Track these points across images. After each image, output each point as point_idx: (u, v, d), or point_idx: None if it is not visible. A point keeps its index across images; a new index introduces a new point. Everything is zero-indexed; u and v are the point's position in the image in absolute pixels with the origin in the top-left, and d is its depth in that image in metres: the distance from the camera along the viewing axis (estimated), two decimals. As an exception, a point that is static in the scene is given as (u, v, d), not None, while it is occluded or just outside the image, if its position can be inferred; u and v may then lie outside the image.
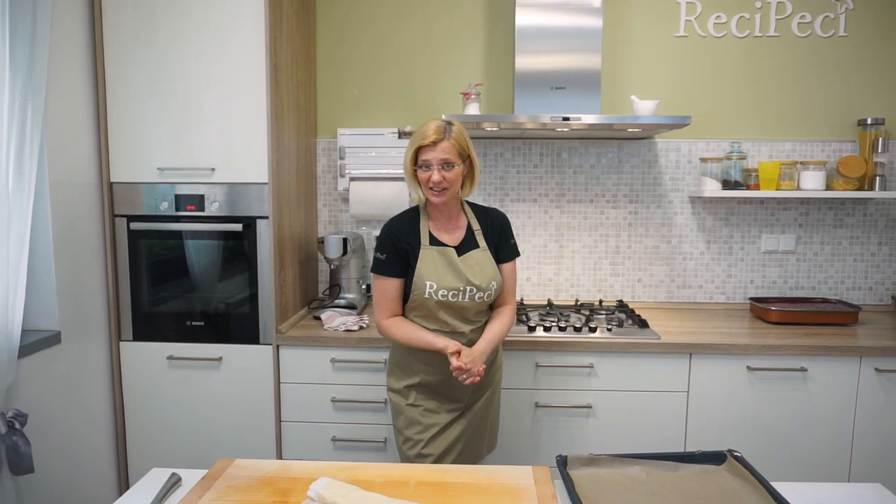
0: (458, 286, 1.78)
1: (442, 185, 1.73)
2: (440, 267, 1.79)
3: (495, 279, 1.83)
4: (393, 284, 1.82)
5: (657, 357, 2.20)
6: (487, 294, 1.82)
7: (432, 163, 1.72)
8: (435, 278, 1.78)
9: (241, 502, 1.23)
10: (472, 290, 1.79)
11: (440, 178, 1.72)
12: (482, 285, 1.80)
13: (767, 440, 2.20)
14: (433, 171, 1.72)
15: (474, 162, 1.81)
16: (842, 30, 2.64)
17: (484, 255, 1.84)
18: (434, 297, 1.78)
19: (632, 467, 1.37)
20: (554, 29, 2.41)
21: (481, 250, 1.84)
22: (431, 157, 1.72)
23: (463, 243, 1.84)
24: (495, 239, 1.88)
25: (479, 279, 1.80)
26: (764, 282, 2.78)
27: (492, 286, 1.82)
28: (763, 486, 1.26)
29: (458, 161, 1.75)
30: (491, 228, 1.87)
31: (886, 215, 2.72)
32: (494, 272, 1.84)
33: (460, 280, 1.78)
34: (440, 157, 1.72)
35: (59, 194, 2.03)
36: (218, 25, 2.18)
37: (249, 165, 2.22)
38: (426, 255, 1.80)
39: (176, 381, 2.31)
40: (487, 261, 1.84)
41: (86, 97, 2.17)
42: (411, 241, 1.81)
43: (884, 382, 2.18)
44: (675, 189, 2.76)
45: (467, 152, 1.78)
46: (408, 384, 1.87)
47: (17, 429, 1.67)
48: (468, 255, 1.82)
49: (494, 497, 1.25)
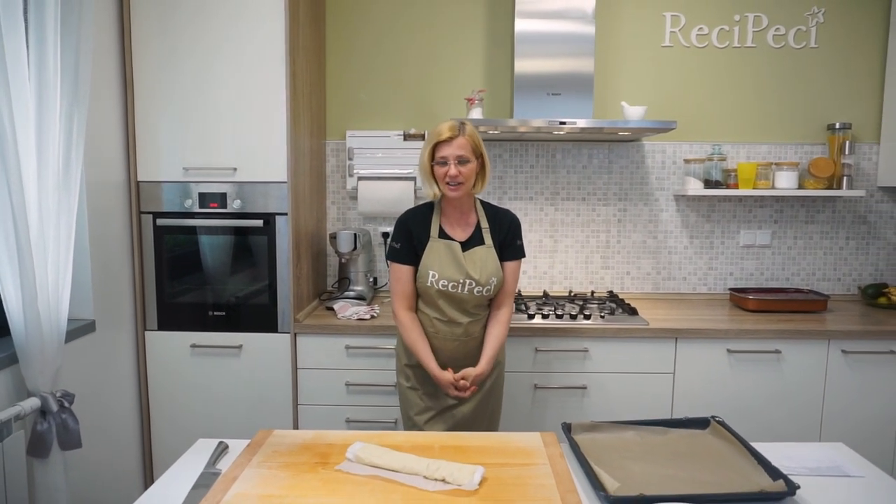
0: (458, 278, 1.89)
1: (458, 179, 1.84)
2: (444, 259, 1.90)
3: (496, 276, 1.92)
4: (406, 271, 1.94)
5: (646, 342, 2.40)
6: (486, 289, 1.91)
7: (449, 158, 1.83)
8: (438, 268, 1.89)
9: (288, 464, 1.39)
10: (472, 283, 1.89)
11: (456, 172, 1.83)
12: (481, 280, 1.90)
13: (745, 415, 2.40)
14: (450, 165, 1.83)
15: (486, 160, 1.92)
16: (813, 41, 2.87)
17: (488, 252, 1.93)
18: (435, 286, 1.90)
19: (627, 432, 1.55)
20: (550, 34, 2.60)
21: (486, 247, 1.93)
22: (448, 153, 1.83)
23: (470, 239, 1.94)
24: (501, 237, 1.96)
25: (479, 274, 1.89)
26: (742, 273, 3.00)
27: (492, 282, 1.91)
28: (743, 444, 1.45)
29: (472, 157, 1.86)
30: (499, 227, 1.97)
31: (853, 212, 2.95)
32: (496, 269, 1.93)
33: (461, 273, 1.89)
34: (456, 152, 1.83)
35: (93, 193, 2.18)
36: (240, 35, 2.33)
37: (269, 165, 2.38)
38: (433, 246, 1.91)
39: (198, 368, 2.46)
40: (491, 258, 1.93)
41: (115, 102, 2.32)
42: (422, 232, 1.93)
43: (850, 363, 2.40)
44: (661, 188, 2.97)
45: (479, 150, 1.89)
46: (408, 363, 2.01)
47: (66, 407, 1.81)
48: (473, 250, 1.92)
49: (510, 455, 1.42)
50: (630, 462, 1.40)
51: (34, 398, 1.74)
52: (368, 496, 1.24)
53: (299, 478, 1.31)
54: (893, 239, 2.96)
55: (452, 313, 1.93)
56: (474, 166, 1.88)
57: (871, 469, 1.41)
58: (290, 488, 1.27)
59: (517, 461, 1.40)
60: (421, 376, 2.00)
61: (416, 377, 2.01)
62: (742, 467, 1.37)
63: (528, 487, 1.27)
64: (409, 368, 2.02)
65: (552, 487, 1.27)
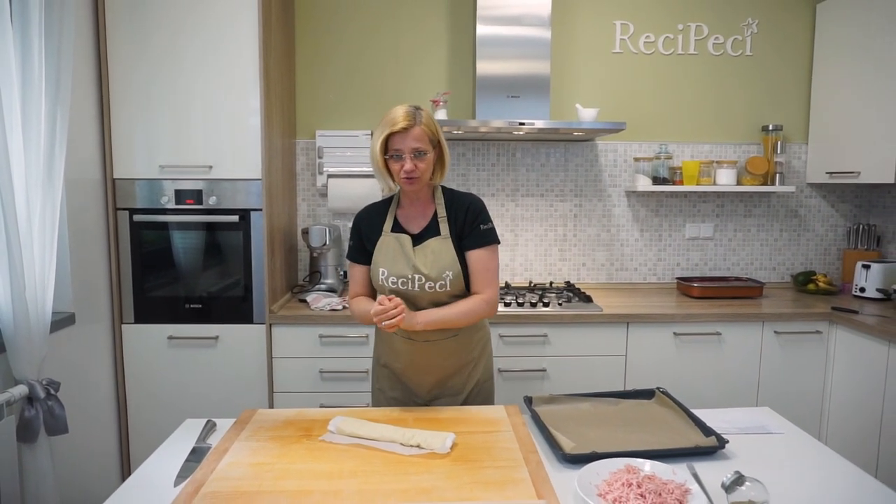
0: (406, 273, 1.72)
1: (414, 174, 1.66)
2: (394, 254, 1.74)
3: (451, 269, 1.72)
4: (360, 270, 1.83)
5: (600, 327, 2.59)
6: (440, 284, 1.72)
7: (404, 151, 1.64)
8: (388, 265, 1.74)
9: (274, 437, 1.51)
10: (421, 278, 1.71)
11: (413, 166, 1.64)
12: (431, 274, 1.71)
13: (690, 391, 2.61)
14: (405, 160, 1.64)
15: (444, 148, 1.73)
16: (748, 49, 3.12)
17: (442, 244, 1.74)
18: (386, 284, 1.74)
19: (582, 403, 1.72)
20: (510, 39, 2.77)
21: (441, 238, 1.74)
22: (403, 146, 1.64)
23: (424, 231, 1.77)
24: (459, 225, 1.75)
25: (429, 269, 1.71)
26: (688, 264, 3.23)
27: (446, 276, 1.71)
28: (683, 410, 1.63)
29: (430, 148, 1.67)
30: (456, 213, 1.76)
31: (786, 206, 3.22)
32: (451, 261, 1.72)
33: (409, 268, 1.72)
34: (412, 145, 1.63)
35: (71, 190, 2.24)
36: (213, 37, 2.43)
37: (244, 163, 2.48)
38: (384, 242, 1.77)
39: (176, 359, 2.54)
40: (445, 249, 1.73)
41: (91, 102, 2.39)
42: (373, 229, 1.80)
43: (781, 342, 2.64)
44: (614, 185, 3.17)
45: (437, 137, 1.70)
46: (378, 359, 1.92)
47: (52, 394, 1.89)
48: (425, 243, 1.74)
49: (478, 425, 1.58)
50: (585, 428, 1.56)
51: (22, 385, 1.82)
52: (351, 461, 1.37)
53: (286, 448, 1.44)
54: (821, 231, 3.24)
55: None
56: (432, 157, 1.69)
57: (790, 427, 1.61)
58: (279, 457, 1.39)
59: (484, 429, 1.55)
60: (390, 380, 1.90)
61: (386, 379, 1.91)
62: (682, 429, 1.55)
63: (494, 450, 1.43)
64: (382, 368, 1.92)
65: (516, 450, 1.43)
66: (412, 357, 1.82)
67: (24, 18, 1.80)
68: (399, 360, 1.84)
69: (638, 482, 1.22)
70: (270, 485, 1.26)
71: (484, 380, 1.91)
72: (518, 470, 1.32)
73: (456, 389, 1.86)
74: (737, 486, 1.19)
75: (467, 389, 1.87)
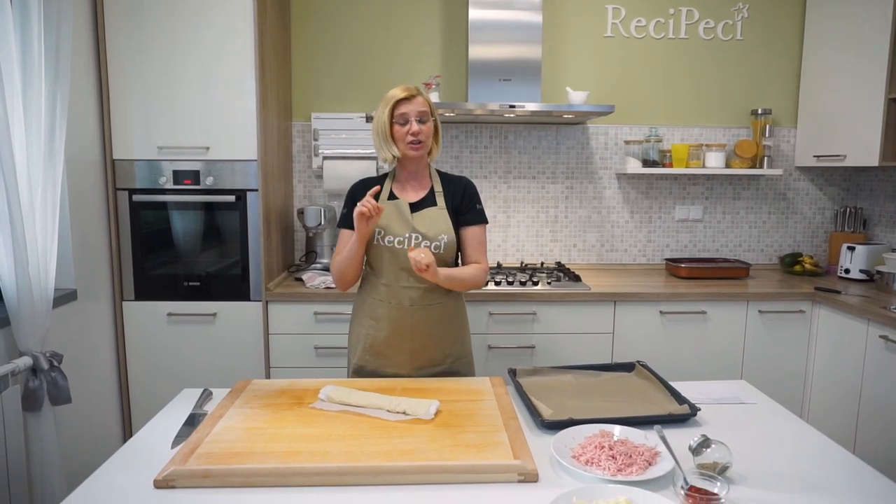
0: (404, 233, 1.82)
1: (420, 136, 1.80)
2: (392, 217, 1.84)
3: (446, 233, 1.85)
4: (350, 235, 1.85)
5: (588, 305, 2.65)
6: (435, 245, 1.83)
7: (410, 115, 1.79)
8: (385, 226, 1.83)
9: (267, 405, 1.58)
10: (418, 237, 1.82)
11: (419, 128, 1.79)
12: (429, 234, 1.83)
13: (675, 368, 2.68)
14: (411, 123, 1.79)
15: (437, 123, 1.89)
16: (739, 34, 3.15)
17: (439, 213, 1.87)
18: (381, 243, 1.83)
19: (565, 375, 1.78)
20: (502, 22, 2.81)
21: (438, 208, 1.87)
22: (409, 110, 1.79)
23: (421, 202, 1.88)
24: (456, 202, 1.90)
25: (426, 229, 1.83)
26: (678, 245, 3.29)
27: (441, 238, 1.84)
28: (661, 382, 1.70)
29: (430, 117, 1.84)
30: (453, 192, 1.91)
31: (774, 189, 3.27)
32: (446, 228, 1.85)
33: (407, 228, 1.83)
34: (418, 109, 1.79)
35: (71, 170, 2.30)
36: (210, 20, 2.47)
37: (240, 144, 2.54)
38: None
39: (175, 335, 2.62)
40: (441, 217, 1.86)
41: (90, 83, 2.44)
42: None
43: (765, 321, 2.71)
44: (604, 167, 3.22)
45: (434, 112, 1.87)
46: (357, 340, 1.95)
47: (55, 366, 1.96)
48: (422, 211, 1.86)
49: (463, 395, 1.64)
50: (565, 398, 1.63)
51: (26, 357, 1.89)
52: (340, 426, 1.44)
53: (279, 414, 1.51)
54: (808, 213, 3.29)
55: (399, 275, 1.85)
56: (431, 127, 1.85)
57: (763, 398, 1.68)
58: (272, 422, 1.46)
59: (468, 398, 1.61)
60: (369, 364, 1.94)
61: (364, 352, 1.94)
62: (659, 399, 1.62)
63: (476, 416, 1.50)
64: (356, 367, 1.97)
65: (497, 417, 1.49)
66: (395, 325, 1.87)
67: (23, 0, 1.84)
68: (382, 329, 1.88)
69: (610, 445, 1.30)
70: (262, 446, 1.33)
71: (461, 355, 1.98)
72: (497, 434, 1.39)
73: (437, 361, 1.92)
74: (703, 448, 1.25)
75: (448, 362, 1.94)
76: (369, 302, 1.92)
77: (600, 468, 1.23)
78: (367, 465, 1.23)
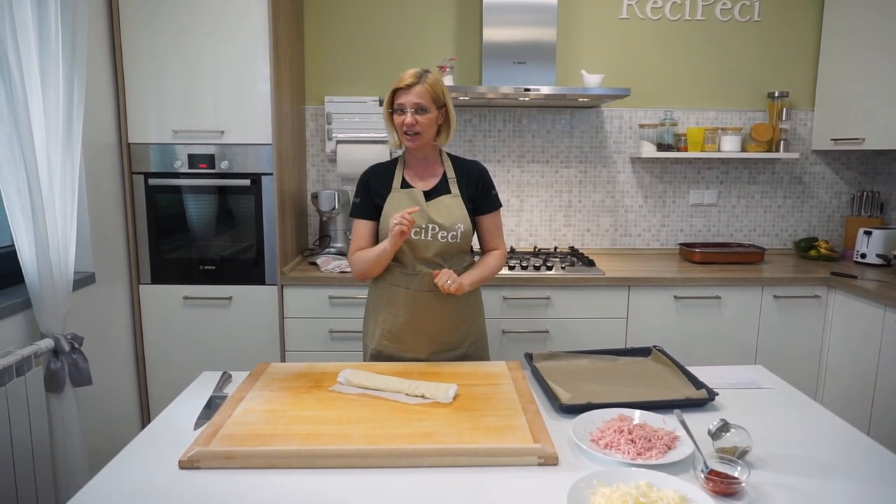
0: (420, 223, 1.80)
1: (414, 128, 1.77)
2: (406, 206, 1.80)
3: (462, 222, 1.84)
4: (365, 226, 1.88)
5: (602, 290, 2.65)
6: (452, 235, 1.83)
7: (406, 106, 1.76)
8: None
9: (287, 388, 1.60)
10: (435, 227, 1.81)
11: (413, 120, 1.76)
12: (445, 224, 1.82)
13: (689, 353, 2.68)
14: (406, 114, 1.76)
15: (450, 110, 1.83)
16: (756, 15, 3.10)
17: (454, 201, 1.85)
18: None
19: (581, 360, 1.78)
20: (516, 4, 2.78)
21: (452, 196, 1.86)
22: (405, 101, 1.76)
23: (435, 189, 1.87)
24: (471, 189, 1.89)
25: (442, 219, 1.82)
26: (692, 230, 3.28)
27: (457, 228, 1.83)
28: (678, 367, 1.70)
29: (432, 107, 1.78)
30: (467, 178, 1.89)
31: (790, 173, 3.24)
32: (462, 216, 1.85)
33: (423, 218, 1.81)
34: (413, 100, 1.75)
35: (87, 154, 2.31)
36: (224, 3, 2.46)
37: (255, 128, 2.54)
38: (394, 197, 1.85)
39: (191, 318, 2.64)
40: (456, 205, 1.85)
41: (105, 67, 2.44)
42: (383, 185, 1.87)
43: (780, 306, 2.70)
44: (618, 151, 3.20)
45: (443, 100, 1.81)
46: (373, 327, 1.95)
47: (77, 348, 1.99)
48: (437, 199, 1.85)
49: (480, 378, 1.65)
50: (582, 382, 1.63)
51: (48, 339, 1.91)
52: (359, 409, 1.46)
53: (298, 397, 1.52)
54: (825, 198, 3.26)
55: (415, 263, 1.85)
56: (434, 116, 1.80)
57: (780, 383, 1.68)
58: (291, 405, 1.48)
59: (486, 382, 1.62)
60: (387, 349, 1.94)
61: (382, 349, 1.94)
62: (676, 384, 1.62)
63: (494, 400, 1.51)
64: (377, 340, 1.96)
65: (515, 401, 1.50)
66: (413, 311, 1.88)
67: (40, -16, 1.84)
68: (400, 314, 1.89)
69: (629, 429, 1.30)
70: (284, 429, 1.34)
71: (477, 338, 2.00)
72: (516, 418, 1.40)
73: (453, 345, 1.93)
74: (722, 432, 1.26)
75: (464, 346, 1.95)
76: (388, 288, 1.92)
77: (619, 452, 1.24)
78: (389, 448, 1.24)
